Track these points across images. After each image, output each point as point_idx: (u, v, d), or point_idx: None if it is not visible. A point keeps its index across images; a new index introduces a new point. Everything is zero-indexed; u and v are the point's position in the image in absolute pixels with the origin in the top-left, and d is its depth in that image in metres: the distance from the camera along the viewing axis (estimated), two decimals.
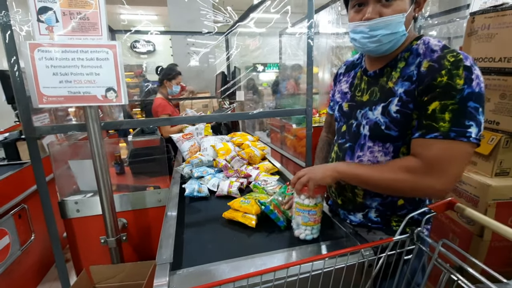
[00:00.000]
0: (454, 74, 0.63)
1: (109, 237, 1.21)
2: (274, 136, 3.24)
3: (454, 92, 0.62)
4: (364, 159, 0.81)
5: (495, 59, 1.21)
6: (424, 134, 0.66)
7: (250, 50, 3.70)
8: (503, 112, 1.19)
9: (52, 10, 0.99)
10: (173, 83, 2.65)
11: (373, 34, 0.71)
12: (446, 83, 0.63)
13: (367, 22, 0.70)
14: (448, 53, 0.66)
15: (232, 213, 1.03)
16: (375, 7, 0.70)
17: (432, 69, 0.66)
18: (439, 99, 0.64)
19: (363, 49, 0.76)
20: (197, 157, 1.51)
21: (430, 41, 0.73)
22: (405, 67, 0.74)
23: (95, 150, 1.11)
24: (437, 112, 0.64)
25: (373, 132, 0.78)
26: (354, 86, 0.89)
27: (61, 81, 1.02)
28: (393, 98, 0.74)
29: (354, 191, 0.85)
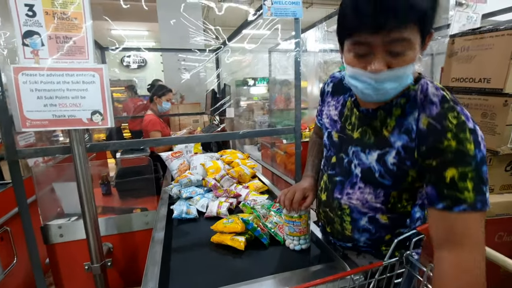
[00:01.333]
0: (463, 138, 0.59)
1: (93, 263, 1.16)
2: (265, 152, 3.25)
3: (469, 158, 0.59)
4: (354, 197, 0.79)
5: (475, 79, 1.26)
6: (451, 207, 0.60)
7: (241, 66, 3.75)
8: (485, 130, 1.22)
9: (37, 34, 0.98)
10: (163, 100, 2.65)
11: (379, 87, 0.63)
12: (456, 149, 0.60)
13: (374, 75, 0.61)
14: (448, 112, 0.63)
15: (220, 237, 1.01)
16: (384, 58, 0.61)
17: (435, 130, 0.63)
18: (454, 166, 0.60)
19: (365, 99, 0.69)
20: (186, 176, 1.49)
21: (429, 88, 0.68)
22: (401, 116, 0.69)
23: (80, 173, 1.09)
24: (458, 181, 0.59)
25: (365, 176, 0.75)
26: (344, 116, 0.83)
27: (45, 104, 1.00)
28: (391, 150, 0.70)
29: (342, 224, 0.84)
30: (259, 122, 3.69)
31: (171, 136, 2.40)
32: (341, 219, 0.84)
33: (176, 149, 1.89)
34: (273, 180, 2.68)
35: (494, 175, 1.24)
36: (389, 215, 0.77)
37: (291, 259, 0.93)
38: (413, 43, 0.59)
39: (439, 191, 0.62)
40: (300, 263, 0.90)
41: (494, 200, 1.20)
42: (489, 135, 1.20)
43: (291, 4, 1.32)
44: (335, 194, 0.83)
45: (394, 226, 0.78)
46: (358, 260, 0.88)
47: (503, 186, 1.26)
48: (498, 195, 1.25)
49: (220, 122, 2.66)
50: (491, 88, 1.19)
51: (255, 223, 1.03)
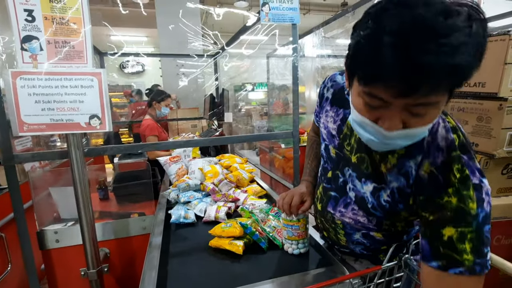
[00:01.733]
0: (465, 196, 0.54)
1: (89, 269, 1.15)
2: (263, 156, 3.25)
3: (469, 218, 0.53)
4: (347, 215, 0.77)
5: (470, 84, 1.28)
6: (446, 267, 0.55)
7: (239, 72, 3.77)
8: (481, 134, 1.23)
9: (36, 39, 0.99)
10: (162, 105, 2.66)
11: (389, 143, 0.56)
12: (457, 206, 0.54)
13: (386, 132, 0.53)
14: (454, 163, 0.56)
15: (218, 241, 1.00)
16: (401, 116, 0.51)
17: (435, 182, 0.57)
18: (453, 225, 0.54)
19: (370, 146, 0.61)
20: (185, 181, 1.49)
21: (439, 130, 0.60)
22: (404, 157, 0.63)
23: (77, 179, 1.08)
24: (456, 242, 0.54)
25: (358, 203, 0.73)
26: (343, 134, 0.77)
27: (43, 108, 1.00)
28: (385, 188, 0.66)
29: (337, 235, 0.84)
30: (258, 127, 3.70)
31: (169, 141, 2.40)
32: (335, 231, 0.83)
33: (174, 154, 1.89)
34: (272, 185, 2.68)
35: (491, 179, 1.24)
36: (384, 233, 0.75)
37: (289, 263, 0.92)
38: (440, 105, 0.51)
39: (434, 248, 0.57)
40: (298, 267, 0.90)
41: (492, 204, 1.21)
42: (485, 139, 1.22)
43: (289, 10, 1.34)
44: (329, 208, 0.82)
45: (389, 241, 0.76)
46: (355, 265, 0.87)
47: (500, 189, 1.27)
48: (495, 198, 1.26)
49: (218, 127, 2.67)
50: (486, 92, 1.21)
51: (254, 227, 1.03)
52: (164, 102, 2.66)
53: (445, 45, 0.42)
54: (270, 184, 2.26)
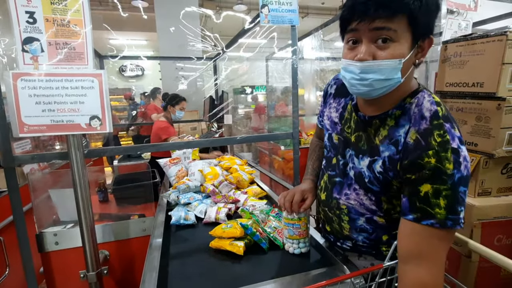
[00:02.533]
0: (443, 157, 0.60)
1: (89, 271, 1.14)
2: (263, 158, 3.25)
3: (445, 176, 0.60)
4: (351, 197, 0.80)
5: (468, 84, 1.28)
6: (420, 219, 0.62)
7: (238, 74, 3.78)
8: (480, 134, 1.24)
9: (38, 41, 0.99)
10: (177, 108, 2.71)
11: (364, 77, 0.64)
12: (435, 166, 0.60)
13: (358, 63, 0.64)
14: (435, 129, 0.63)
15: (219, 242, 1.00)
16: (369, 48, 0.63)
17: (419, 146, 0.63)
18: (430, 182, 0.61)
19: (352, 91, 0.70)
20: (184, 183, 1.49)
21: (424, 102, 0.67)
22: (393, 127, 0.70)
23: (77, 180, 1.08)
24: (431, 197, 0.61)
25: (357, 180, 0.78)
26: (344, 119, 0.84)
27: (44, 109, 1.00)
28: (378, 158, 0.72)
29: (341, 224, 0.85)
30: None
31: (169, 142, 2.40)
32: (340, 219, 0.84)
33: (174, 156, 1.89)
34: (272, 186, 2.67)
35: (491, 178, 1.25)
36: (386, 217, 0.77)
37: (290, 264, 0.92)
38: (399, 36, 0.61)
39: (411, 203, 0.63)
40: (299, 267, 0.89)
41: (492, 203, 1.21)
42: (484, 138, 1.22)
43: (288, 12, 1.35)
44: (334, 194, 0.84)
45: (391, 227, 0.78)
46: (359, 262, 0.87)
47: (499, 189, 1.27)
48: (495, 198, 1.26)
49: (218, 129, 2.67)
50: (484, 92, 1.21)
51: (254, 228, 1.02)
52: (178, 105, 2.71)
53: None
54: (270, 186, 2.26)
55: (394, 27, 0.60)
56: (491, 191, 1.26)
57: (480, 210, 1.18)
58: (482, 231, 1.19)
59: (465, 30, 1.64)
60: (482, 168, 1.23)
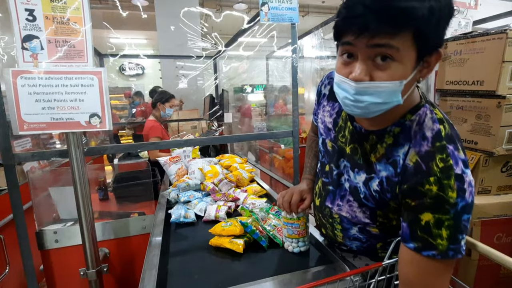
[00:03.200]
0: (445, 185, 0.56)
1: (89, 269, 1.14)
2: (263, 157, 3.25)
3: (448, 206, 0.55)
4: (344, 209, 0.78)
5: (468, 82, 1.28)
6: (420, 249, 0.58)
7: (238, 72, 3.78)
8: (480, 132, 1.24)
9: (37, 38, 0.99)
10: (167, 106, 2.65)
11: (358, 99, 0.57)
12: (436, 195, 0.56)
13: (353, 83, 0.56)
14: (438, 152, 0.58)
15: (219, 240, 1.00)
16: (366, 66, 0.56)
17: (419, 171, 0.59)
18: (431, 211, 0.57)
19: (346, 110, 0.64)
20: (184, 181, 1.49)
21: (426, 120, 0.62)
22: (392, 146, 0.65)
23: (77, 178, 1.08)
24: (432, 227, 0.57)
25: (352, 192, 0.75)
26: (338, 126, 0.79)
27: (43, 107, 1.00)
28: (375, 177, 0.68)
29: (334, 231, 0.84)
30: (257, 128, 3.70)
31: (168, 140, 2.39)
32: (333, 226, 0.84)
33: (174, 154, 1.89)
34: (272, 185, 2.67)
35: (490, 176, 1.25)
36: (380, 228, 0.75)
37: (290, 261, 0.92)
38: (402, 55, 0.53)
39: (412, 231, 0.60)
40: (299, 265, 0.90)
41: (491, 201, 1.21)
42: (484, 137, 1.22)
43: (288, 9, 1.35)
44: (327, 202, 0.82)
45: (385, 236, 0.76)
46: (354, 262, 0.87)
47: (499, 187, 1.27)
48: (495, 196, 1.26)
49: (218, 127, 2.67)
50: (484, 90, 1.21)
51: (254, 226, 1.02)
52: (168, 103, 2.65)
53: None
54: (270, 184, 2.26)
55: (396, 44, 0.52)
56: (490, 189, 1.27)
57: (480, 208, 1.19)
58: (481, 229, 1.19)
59: (465, 28, 1.64)
60: (482, 166, 1.23)
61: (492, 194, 1.27)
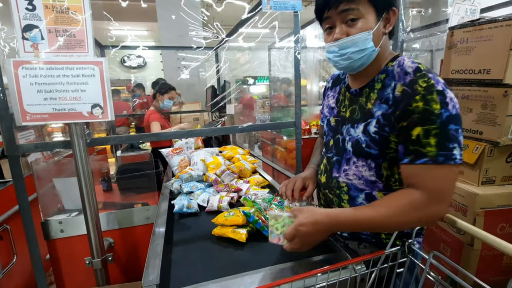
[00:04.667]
0: (429, 99, 0.65)
1: (94, 258, 1.16)
2: (265, 148, 3.25)
3: (434, 117, 0.64)
4: (350, 172, 0.83)
5: (474, 71, 1.26)
6: (413, 160, 0.67)
7: (240, 64, 3.74)
8: (485, 122, 1.22)
9: (37, 28, 0.98)
10: (166, 97, 2.67)
11: (342, 53, 0.75)
12: (423, 109, 0.65)
13: (336, 42, 0.75)
14: (419, 78, 0.68)
15: (222, 230, 1.01)
16: (341, 28, 0.74)
17: (406, 94, 0.68)
18: (420, 125, 0.66)
19: (337, 67, 0.81)
20: (187, 172, 1.49)
21: (405, 62, 0.74)
22: (381, 89, 0.76)
23: (81, 168, 1.08)
24: (422, 138, 0.66)
25: (355, 148, 0.81)
26: (339, 101, 0.91)
27: (45, 98, 1.00)
28: (372, 119, 0.76)
29: (341, 204, 0.86)
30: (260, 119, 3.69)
31: (170, 131, 2.40)
32: (340, 199, 0.86)
33: (177, 146, 1.89)
34: (274, 176, 2.68)
35: (495, 167, 1.24)
36: (385, 192, 0.78)
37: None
38: (363, 13, 0.72)
39: (405, 148, 0.69)
40: (301, 254, 0.90)
41: (495, 192, 1.20)
42: (490, 126, 1.20)
43: None
44: (334, 173, 0.87)
45: None
46: (359, 250, 0.88)
47: (504, 178, 1.26)
48: (499, 186, 1.25)
49: (220, 118, 2.66)
50: (491, 79, 1.19)
51: (256, 215, 1.03)
52: (167, 94, 2.67)
53: None
54: (272, 176, 2.27)
55: (356, 6, 0.71)
56: (495, 180, 1.26)
57: (483, 199, 1.18)
58: (485, 220, 1.18)
59: (472, 16, 1.60)
60: (487, 156, 1.22)
61: (496, 184, 1.26)
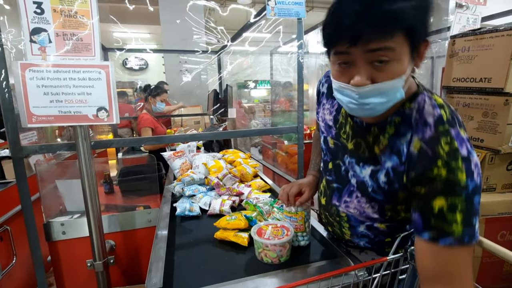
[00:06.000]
0: (454, 167, 0.55)
1: (96, 260, 1.16)
2: (266, 152, 3.26)
3: (459, 188, 0.55)
4: (351, 205, 0.77)
5: (476, 79, 1.27)
6: (436, 238, 0.56)
7: (242, 68, 3.76)
8: (486, 129, 1.23)
9: (45, 31, 0.99)
10: (158, 100, 2.67)
11: (363, 102, 0.58)
12: (446, 178, 0.55)
13: (356, 89, 0.57)
14: (442, 136, 0.58)
15: (224, 233, 1.02)
16: (365, 70, 0.56)
17: (425, 156, 0.58)
18: (444, 196, 0.55)
19: (352, 113, 0.67)
20: (189, 175, 1.50)
21: (425, 106, 0.62)
22: (394, 136, 0.65)
23: (85, 170, 1.09)
24: (446, 212, 0.55)
25: (359, 188, 0.74)
26: (339, 123, 0.80)
27: (51, 100, 1.01)
28: (381, 168, 0.68)
29: (341, 229, 0.85)
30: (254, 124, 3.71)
31: (172, 135, 2.41)
32: (340, 225, 0.84)
33: (179, 149, 1.90)
34: (275, 180, 2.68)
35: (496, 174, 1.25)
36: (387, 223, 0.75)
37: (295, 256, 0.93)
38: (398, 54, 0.54)
39: (425, 220, 0.58)
40: (304, 259, 0.90)
41: (496, 199, 1.21)
42: (491, 134, 1.22)
43: (295, 4, 1.34)
44: (333, 201, 0.82)
45: (393, 232, 0.77)
46: (360, 257, 0.88)
47: (504, 186, 1.27)
48: (500, 194, 1.26)
49: (222, 122, 2.67)
50: (492, 87, 1.20)
51: (258, 219, 1.03)
52: (159, 97, 2.66)
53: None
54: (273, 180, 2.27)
55: (392, 45, 0.53)
56: (495, 187, 1.26)
57: (484, 206, 1.19)
58: (485, 227, 1.19)
59: (473, 25, 1.62)
60: (488, 164, 1.23)
61: (497, 192, 1.27)
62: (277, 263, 0.87)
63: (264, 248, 0.86)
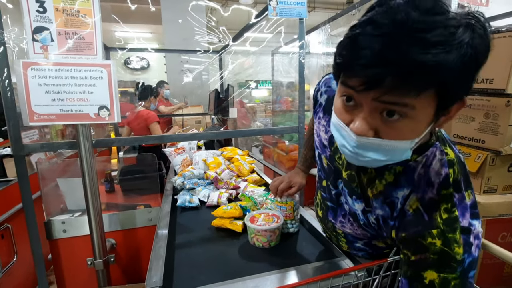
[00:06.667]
0: (451, 239, 0.50)
1: (96, 259, 1.16)
2: (267, 152, 3.26)
3: (454, 263, 0.49)
4: (346, 226, 0.75)
5: (477, 80, 1.27)
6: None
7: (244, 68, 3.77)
8: (487, 131, 1.23)
9: (47, 30, 1.00)
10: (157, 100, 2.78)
11: (360, 154, 0.49)
12: (441, 250, 0.50)
13: (354, 136, 0.47)
14: (443, 201, 0.52)
15: (220, 221, 1.09)
16: (371, 119, 0.46)
17: (420, 220, 0.53)
18: (436, 270, 0.50)
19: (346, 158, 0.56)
20: (189, 170, 1.55)
21: (433, 164, 0.54)
22: (391, 185, 0.58)
23: (86, 169, 1.09)
24: (438, 287, 0.50)
25: (352, 216, 0.71)
26: (334, 147, 0.73)
27: (53, 99, 1.01)
28: (372, 211, 0.63)
29: (339, 242, 0.85)
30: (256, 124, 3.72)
31: (173, 134, 2.42)
32: (337, 238, 0.84)
33: (179, 146, 1.93)
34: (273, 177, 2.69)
35: (497, 176, 1.25)
36: (385, 240, 0.72)
37: (284, 241, 0.99)
38: (418, 113, 0.43)
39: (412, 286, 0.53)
40: (292, 244, 0.96)
41: (497, 201, 1.21)
42: (492, 135, 1.21)
43: (296, 4, 1.34)
44: (329, 217, 0.80)
45: (391, 246, 0.74)
46: (360, 257, 0.88)
47: (506, 187, 1.27)
48: (501, 195, 1.26)
49: (223, 123, 2.68)
50: (494, 88, 1.20)
51: (252, 209, 1.12)
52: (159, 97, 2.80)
53: (414, 39, 0.38)
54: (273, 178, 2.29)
55: (412, 103, 0.42)
56: (496, 189, 1.26)
57: (485, 207, 1.18)
58: (486, 228, 1.19)
59: None
60: (489, 165, 1.23)
61: (498, 193, 1.26)
62: (268, 247, 0.95)
63: (256, 234, 0.93)
